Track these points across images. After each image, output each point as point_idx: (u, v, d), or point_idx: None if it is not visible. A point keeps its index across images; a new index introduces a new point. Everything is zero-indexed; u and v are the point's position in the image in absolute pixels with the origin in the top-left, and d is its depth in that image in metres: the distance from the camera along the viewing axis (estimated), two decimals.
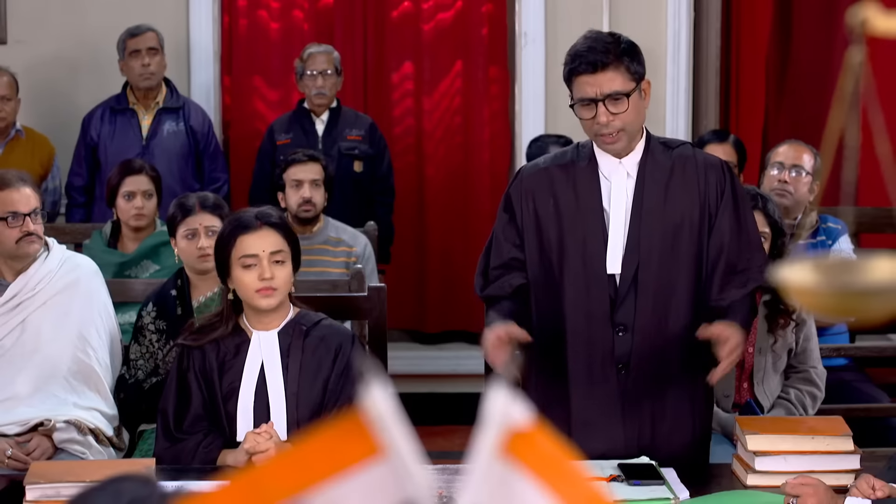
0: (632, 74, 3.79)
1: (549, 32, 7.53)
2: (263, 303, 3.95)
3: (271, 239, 3.98)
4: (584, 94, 3.79)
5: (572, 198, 3.90)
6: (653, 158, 3.89)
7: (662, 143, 3.96)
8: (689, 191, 3.88)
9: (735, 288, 3.87)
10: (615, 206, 3.88)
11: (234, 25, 7.80)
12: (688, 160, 3.91)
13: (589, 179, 3.90)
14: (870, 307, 1.67)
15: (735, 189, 3.91)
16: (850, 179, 5.18)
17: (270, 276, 3.93)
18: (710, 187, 3.88)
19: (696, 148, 4.04)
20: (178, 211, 4.83)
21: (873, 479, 3.43)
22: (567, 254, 3.90)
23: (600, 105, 3.77)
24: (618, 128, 3.79)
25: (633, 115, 3.80)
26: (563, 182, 3.92)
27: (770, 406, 4.49)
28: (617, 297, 3.87)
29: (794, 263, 1.70)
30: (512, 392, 1.36)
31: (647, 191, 3.86)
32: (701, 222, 3.88)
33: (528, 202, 3.95)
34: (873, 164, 2.46)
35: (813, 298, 1.70)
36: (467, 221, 7.84)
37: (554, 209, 3.91)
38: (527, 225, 3.95)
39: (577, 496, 1.38)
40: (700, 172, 3.89)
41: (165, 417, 3.99)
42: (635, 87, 3.79)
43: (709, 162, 3.93)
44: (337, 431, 1.38)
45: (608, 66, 3.76)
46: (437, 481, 3.61)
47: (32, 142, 6.90)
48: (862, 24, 1.70)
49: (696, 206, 3.88)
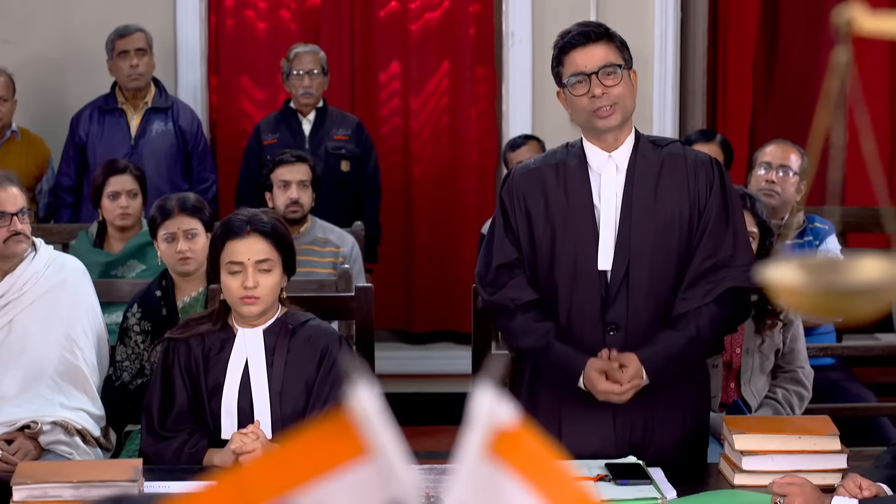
0: (621, 51, 3.85)
1: (536, 32, 7.53)
2: (245, 310, 3.94)
3: (258, 247, 3.95)
4: (577, 69, 3.81)
5: (563, 196, 3.90)
6: (642, 156, 3.89)
7: (652, 141, 3.96)
8: (679, 188, 3.88)
9: (700, 292, 3.84)
10: (605, 201, 3.87)
11: (221, 25, 7.79)
12: (677, 158, 3.91)
13: (579, 176, 3.90)
14: (856, 307, 1.67)
15: (724, 184, 3.90)
16: (836, 179, 5.20)
17: (253, 285, 3.91)
18: (700, 185, 3.87)
19: (685, 146, 4.04)
20: (158, 213, 4.83)
21: (860, 479, 3.43)
22: (558, 252, 3.89)
23: (593, 78, 3.79)
24: (613, 100, 3.80)
25: (626, 90, 3.82)
26: (553, 180, 3.92)
27: (757, 406, 4.49)
28: (608, 295, 3.86)
29: (780, 263, 1.70)
30: (498, 392, 1.36)
31: (637, 187, 3.86)
32: (691, 220, 3.87)
33: (520, 202, 3.94)
34: (859, 163, 2.47)
35: (800, 298, 1.70)
36: (454, 221, 7.84)
37: (545, 208, 3.91)
38: (520, 225, 3.94)
39: (564, 496, 1.38)
40: (690, 170, 3.88)
41: (150, 414, 3.98)
42: (627, 66, 3.84)
43: (699, 159, 3.92)
44: (323, 431, 1.38)
45: (600, 38, 3.83)
46: (424, 481, 3.61)
47: (28, 143, 6.90)
48: (848, 23, 1.70)
49: (686, 203, 3.87)
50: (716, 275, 3.85)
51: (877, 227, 6.57)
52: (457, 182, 7.86)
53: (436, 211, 7.89)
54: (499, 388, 1.37)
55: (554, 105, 3.90)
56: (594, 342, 3.87)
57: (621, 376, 3.77)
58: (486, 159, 7.86)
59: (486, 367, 4.42)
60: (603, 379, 3.79)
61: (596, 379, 3.79)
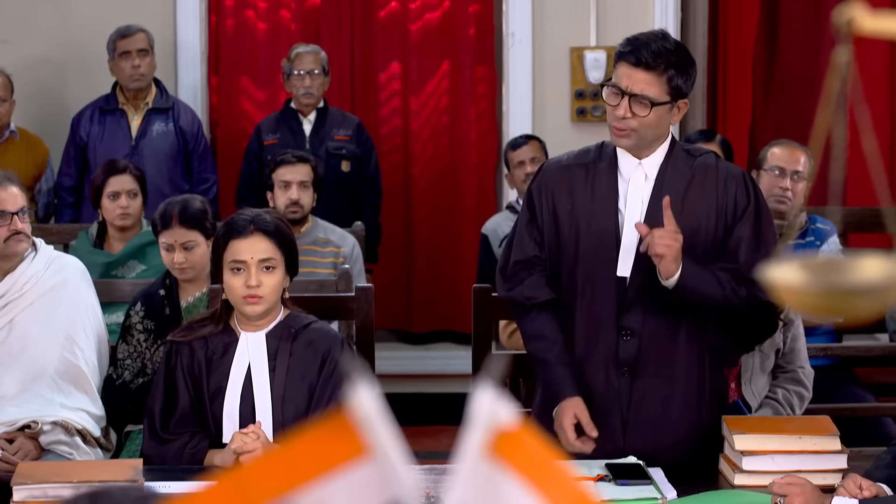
0: (671, 88, 3.73)
1: (536, 32, 7.53)
2: (248, 310, 3.94)
3: (262, 246, 3.95)
4: (618, 81, 3.75)
5: (589, 197, 3.87)
6: (674, 165, 3.85)
7: (686, 150, 3.92)
8: (707, 200, 3.84)
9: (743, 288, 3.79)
10: (631, 208, 3.85)
11: (222, 25, 7.79)
12: (709, 169, 3.87)
13: (607, 180, 3.87)
14: (857, 307, 1.67)
15: (759, 203, 3.85)
16: (837, 179, 5.19)
17: (256, 284, 3.91)
18: (730, 197, 3.83)
19: (719, 158, 3.98)
20: (159, 220, 4.83)
21: (860, 479, 3.43)
22: (580, 254, 3.88)
23: (625, 99, 3.73)
24: (631, 127, 3.75)
25: (653, 123, 3.76)
26: (581, 181, 3.89)
27: (757, 406, 4.49)
28: (625, 301, 3.85)
29: (781, 263, 1.70)
30: (499, 392, 1.36)
31: (665, 196, 3.82)
32: (716, 232, 3.83)
33: (548, 199, 3.92)
34: (860, 163, 2.46)
35: (800, 298, 1.70)
36: (454, 221, 7.85)
37: (571, 208, 3.89)
38: (546, 221, 3.92)
39: (564, 496, 1.37)
40: (720, 182, 3.84)
41: (152, 417, 3.98)
42: (668, 102, 3.75)
43: (730, 173, 3.88)
44: (324, 431, 1.38)
45: (651, 68, 3.71)
46: (424, 481, 3.61)
47: (26, 143, 6.89)
48: (848, 23, 1.70)
49: (713, 215, 3.83)
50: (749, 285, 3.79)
51: (878, 227, 6.57)
52: (457, 182, 7.87)
53: (436, 211, 7.89)
54: (499, 388, 1.37)
55: (554, 105, 3.89)
56: (608, 346, 3.87)
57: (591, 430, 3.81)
58: (486, 159, 7.86)
59: (486, 367, 4.42)
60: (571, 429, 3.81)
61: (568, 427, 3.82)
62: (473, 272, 6.73)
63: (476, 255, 6.77)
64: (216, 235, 4.08)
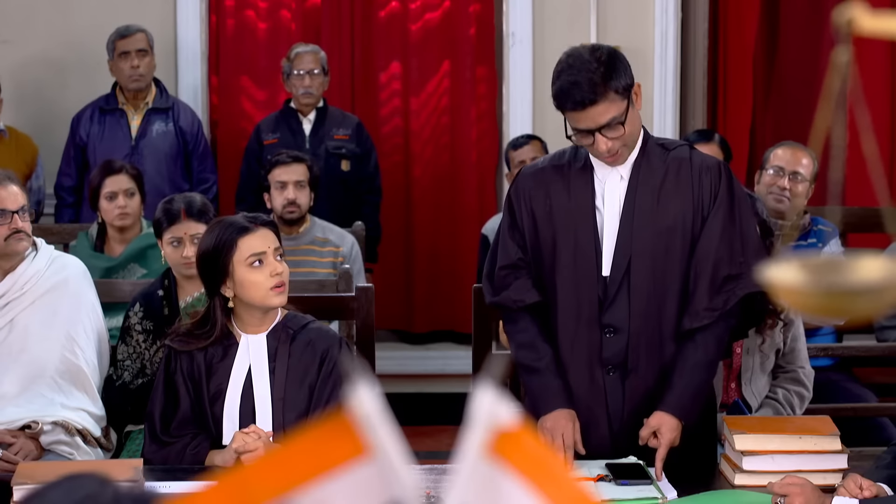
0: (622, 94, 3.71)
1: (537, 32, 7.53)
2: (277, 300, 3.93)
3: (272, 236, 3.98)
4: (579, 127, 3.73)
5: (566, 198, 3.89)
6: (647, 160, 3.86)
7: (660, 144, 3.92)
8: (682, 193, 3.84)
9: (711, 306, 3.81)
10: (608, 207, 3.86)
11: (222, 25, 7.79)
12: (683, 162, 3.87)
13: (583, 180, 3.88)
14: (857, 307, 1.67)
15: (732, 190, 3.85)
16: (837, 179, 5.19)
17: (281, 271, 3.93)
18: (704, 189, 3.83)
19: (693, 150, 3.96)
20: (164, 217, 4.81)
21: (861, 479, 3.43)
22: (560, 254, 3.89)
23: (597, 134, 3.71)
24: (618, 148, 3.76)
25: (631, 130, 3.76)
26: (558, 182, 3.91)
27: (758, 406, 4.49)
28: (606, 298, 3.86)
29: (781, 263, 1.70)
30: (499, 392, 1.36)
31: (640, 192, 3.83)
32: (693, 225, 3.84)
33: (526, 203, 3.93)
34: (860, 163, 2.47)
35: (801, 299, 1.70)
36: (454, 221, 7.85)
37: (548, 209, 3.90)
38: (526, 225, 3.94)
39: (564, 496, 1.38)
40: (695, 174, 3.84)
41: (152, 421, 3.98)
42: (627, 105, 3.73)
43: (705, 164, 3.88)
44: (324, 431, 1.38)
45: (596, 101, 3.67)
46: (425, 481, 3.61)
47: (16, 141, 6.88)
48: (848, 23, 1.70)
49: (689, 208, 3.84)
50: (728, 285, 3.82)
51: (878, 227, 6.56)
52: (457, 182, 7.86)
53: (436, 211, 7.89)
54: (499, 388, 1.37)
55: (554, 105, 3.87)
56: (591, 345, 3.87)
57: (579, 448, 3.82)
58: (486, 159, 7.86)
59: (486, 367, 4.42)
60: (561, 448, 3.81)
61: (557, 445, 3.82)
62: (473, 272, 6.73)
63: (476, 255, 6.77)
64: (214, 245, 3.98)
